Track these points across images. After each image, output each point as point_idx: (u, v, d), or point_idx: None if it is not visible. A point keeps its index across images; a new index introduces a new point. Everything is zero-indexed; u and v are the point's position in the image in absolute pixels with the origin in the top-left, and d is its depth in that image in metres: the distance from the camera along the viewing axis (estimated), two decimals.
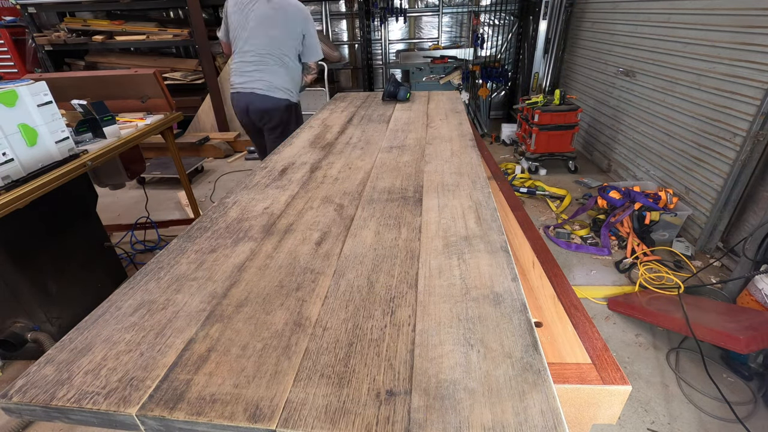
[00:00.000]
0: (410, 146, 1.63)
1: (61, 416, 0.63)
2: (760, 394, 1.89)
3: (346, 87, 6.45)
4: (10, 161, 1.60)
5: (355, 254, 0.94)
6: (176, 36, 5.16)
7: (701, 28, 2.92)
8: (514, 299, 0.78)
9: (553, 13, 4.94)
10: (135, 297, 0.83)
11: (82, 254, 2.33)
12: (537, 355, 0.66)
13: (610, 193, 3.20)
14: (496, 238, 0.98)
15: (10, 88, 1.59)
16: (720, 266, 2.76)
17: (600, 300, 2.52)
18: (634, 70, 3.79)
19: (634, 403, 1.88)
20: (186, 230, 1.08)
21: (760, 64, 2.44)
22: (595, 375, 0.83)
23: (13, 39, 5.15)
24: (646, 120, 3.63)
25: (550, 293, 1.10)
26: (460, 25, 6.04)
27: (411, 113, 2.16)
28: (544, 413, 0.57)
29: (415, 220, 1.08)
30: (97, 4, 5.09)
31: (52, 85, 1.79)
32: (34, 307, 2.02)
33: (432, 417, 0.57)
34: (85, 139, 2.10)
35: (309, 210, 1.16)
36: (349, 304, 0.79)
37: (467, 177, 1.32)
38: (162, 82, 2.60)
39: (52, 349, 0.71)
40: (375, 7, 5.62)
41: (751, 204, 2.64)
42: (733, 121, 2.64)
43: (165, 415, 0.59)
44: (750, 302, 2.19)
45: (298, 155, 1.60)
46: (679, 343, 2.19)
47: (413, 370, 0.64)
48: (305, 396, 0.61)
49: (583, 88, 4.82)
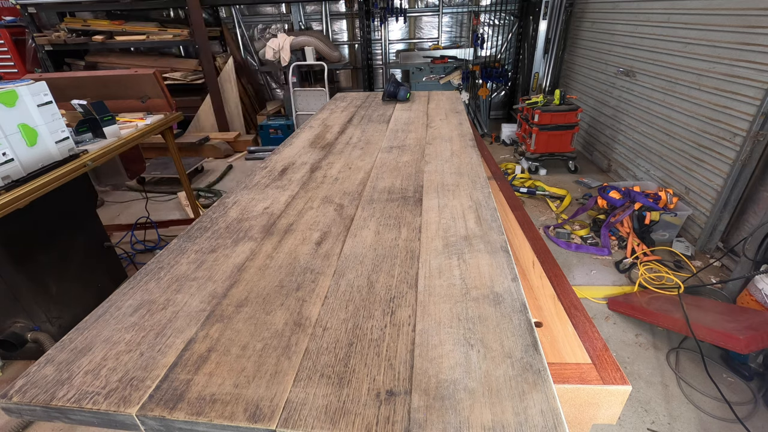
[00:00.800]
0: (410, 146, 1.63)
1: (61, 416, 0.63)
2: (760, 394, 1.89)
3: (346, 87, 6.45)
4: (10, 161, 1.60)
5: (355, 254, 0.94)
6: (176, 36, 5.16)
7: (701, 28, 2.92)
8: (514, 299, 0.78)
9: (553, 13, 4.94)
10: (135, 297, 0.83)
11: (82, 254, 2.32)
12: (537, 355, 0.66)
13: (610, 193, 3.20)
14: (496, 238, 0.98)
15: (10, 88, 1.59)
16: (720, 266, 2.76)
17: (600, 300, 2.52)
18: (634, 70, 3.78)
19: (634, 403, 1.88)
20: (186, 230, 1.08)
21: (760, 64, 2.44)
22: (595, 375, 0.83)
23: (13, 39, 5.14)
24: (646, 120, 3.63)
25: (550, 293, 1.10)
26: (460, 25, 6.04)
27: (411, 113, 2.16)
28: (544, 413, 0.57)
29: (415, 220, 1.08)
30: (97, 4, 5.09)
31: (52, 85, 1.79)
32: (34, 307, 2.02)
33: (432, 417, 0.57)
34: (85, 139, 2.10)
35: (309, 210, 1.16)
36: (349, 304, 0.79)
37: (467, 177, 1.32)
38: (162, 82, 2.60)
39: (52, 349, 0.71)
40: (375, 7, 5.61)
41: (751, 204, 2.64)
42: (733, 121, 2.64)
43: (165, 415, 0.59)
44: (750, 302, 2.19)
45: (298, 155, 1.60)
46: (679, 343, 2.19)
47: (413, 370, 0.64)
48: (305, 396, 0.61)
49: (583, 88, 4.82)
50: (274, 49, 5.25)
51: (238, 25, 5.93)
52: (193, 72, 5.57)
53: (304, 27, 5.94)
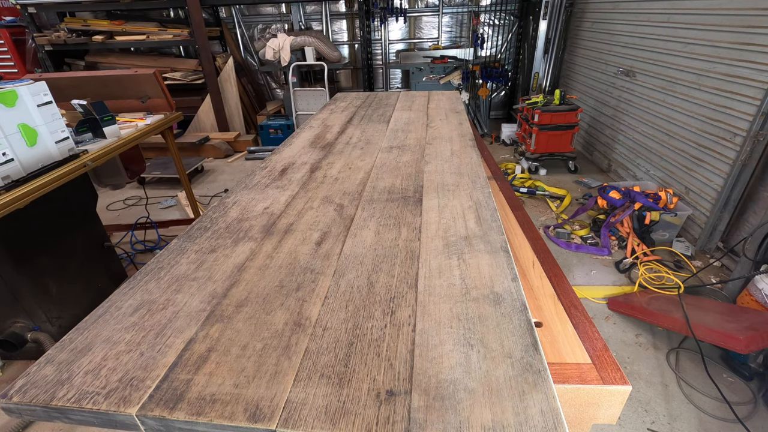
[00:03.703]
0: (410, 146, 1.63)
1: (61, 416, 0.63)
2: (760, 394, 1.89)
3: (346, 87, 6.45)
4: (10, 161, 1.60)
5: (355, 254, 0.94)
6: (176, 36, 5.16)
7: (701, 28, 2.92)
8: (514, 299, 0.78)
9: (553, 13, 4.94)
10: (135, 297, 0.83)
11: (82, 254, 2.32)
12: (537, 355, 0.66)
13: (610, 193, 3.20)
14: (496, 238, 0.98)
15: (10, 88, 1.59)
16: (720, 266, 2.76)
17: (600, 300, 2.52)
18: (634, 70, 3.78)
19: (634, 403, 1.88)
20: (186, 230, 1.08)
21: (760, 64, 2.44)
22: (595, 375, 0.83)
23: (13, 39, 5.14)
24: (646, 120, 3.63)
25: (550, 293, 1.10)
26: (460, 25, 6.04)
27: (411, 113, 2.16)
28: (544, 413, 0.57)
29: (415, 220, 1.08)
30: (97, 4, 5.09)
31: (52, 85, 1.79)
32: (34, 307, 2.02)
33: (432, 417, 0.57)
34: (85, 139, 2.10)
35: (309, 210, 1.16)
36: (349, 304, 0.79)
37: (467, 177, 1.32)
38: (162, 82, 2.60)
39: (52, 349, 0.71)
40: (375, 7, 5.61)
41: (751, 204, 2.64)
42: (733, 121, 2.64)
43: (165, 415, 0.59)
44: (750, 302, 2.19)
45: (298, 155, 1.60)
46: (679, 343, 2.19)
47: (413, 370, 0.64)
48: (305, 396, 0.61)
49: (583, 88, 4.82)
50: (274, 49, 5.25)
51: (238, 25, 5.94)
52: (193, 72, 5.57)
53: (304, 27, 5.94)
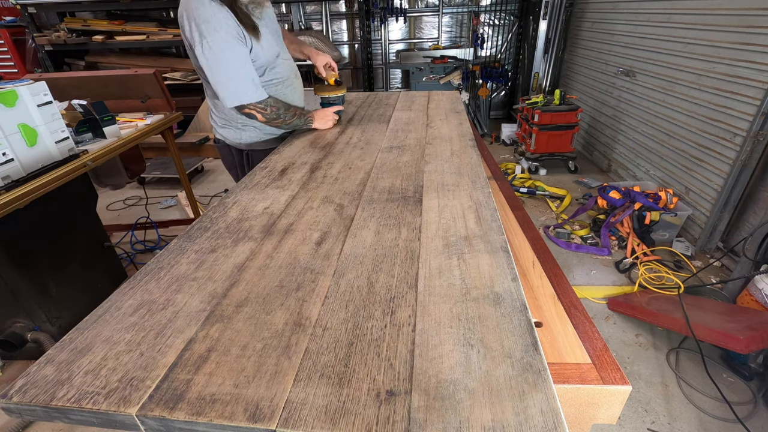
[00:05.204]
0: (410, 146, 1.63)
1: (61, 416, 0.63)
2: (760, 394, 1.89)
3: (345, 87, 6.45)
4: (10, 161, 1.60)
5: (355, 254, 0.94)
6: (176, 36, 5.15)
7: (701, 28, 2.92)
8: (514, 299, 0.78)
9: (553, 13, 4.94)
10: (135, 297, 0.83)
11: (82, 254, 2.32)
12: (537, 355, 0.66)
13: (610, 193, 3.20)
14: (496, 238, 0.98)
15: (10, 88, 1.59)
16: (720, 266, 2.76)
17: (600, 300, 2.52)
18: (634, 70, 3.78)
19: (634, 403, 1.88)
20: (186, 230, 1.08)
21: (760, 64, 2.44)
22: (595, 375, 0.84)
23: (13, 39, 5.14)
24: (646, 120, 3.63)
25: (550, 293, 1.10)
26: (460, 25, 6.04)
27: (411, 113, 2.16)
28: (544, 413, 0.57)
29: (415, 220, 1.08)
30: (97, 4, 5.09)
31: (52, 85, 1.79)
32: (34, 307, 2.02)
33: (432, 417, 0.57)
34: (85, 139, 2.10)
35: (309, 210, 1.16)
36: (349, 304, 0.79)
37: (467, 177, 1.32)
38: (162, 82, 2.60)
39: (52, 349, 0.71)
40: (375, 7, 5.61)
41: (751, 204, 2.63)
42: (733, 121, 2.64)
43: (165, 415, 0.59)
44: (750, 302, 2.19)
45: (298, 155, 1.60)
46: (679, 343, 2.19)
47: (413, 370, 0.64)
48: (305, 396, 0.61)
49: (583, 88, 4.82)
50: None
51: None
52: (193, 72, 5.57)
53: (304, 27, 5.94)
